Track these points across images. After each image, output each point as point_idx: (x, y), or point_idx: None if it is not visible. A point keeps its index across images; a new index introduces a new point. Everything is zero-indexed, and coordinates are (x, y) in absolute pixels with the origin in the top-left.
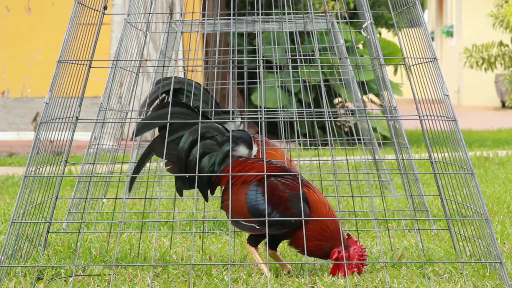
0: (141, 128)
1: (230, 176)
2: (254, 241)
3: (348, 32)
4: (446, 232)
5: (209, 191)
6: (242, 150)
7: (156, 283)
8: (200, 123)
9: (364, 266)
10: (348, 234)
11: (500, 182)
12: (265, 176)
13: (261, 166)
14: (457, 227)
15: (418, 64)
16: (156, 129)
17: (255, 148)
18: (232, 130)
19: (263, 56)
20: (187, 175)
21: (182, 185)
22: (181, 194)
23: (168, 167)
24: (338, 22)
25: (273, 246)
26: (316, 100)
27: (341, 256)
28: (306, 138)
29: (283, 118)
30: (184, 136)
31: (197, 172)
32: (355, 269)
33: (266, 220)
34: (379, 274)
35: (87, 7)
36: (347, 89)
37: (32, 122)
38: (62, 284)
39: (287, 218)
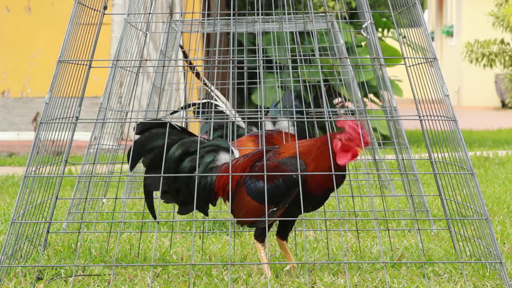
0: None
1: (230, 188)
2: (263, 233)
3: (348, 32)
4: (446, 232)
5: (210, 206)
6: (223, 157)
7: (156, 283)
8: (180, 139)
9: (365, 136)
10: (335, 121)
11: (500, 182)
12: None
13: (246, 162)
14: (457, 227)
15: (418, 64)
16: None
17: (236, 152)
18: (209, 141)
19: (264, 56)
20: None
21: (185, 209)
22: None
23: (163, 198)
24: (338, 22)
25: (283, 235)
26: (316, 100)
27: (344, 140)
28: (307, 138)
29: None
30: (171, 150)
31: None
32: (365, 139)
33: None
34: (379, 274)
35: (87, 7)
36: (347, 89)
37: (32, 122)
38: (62, 284)
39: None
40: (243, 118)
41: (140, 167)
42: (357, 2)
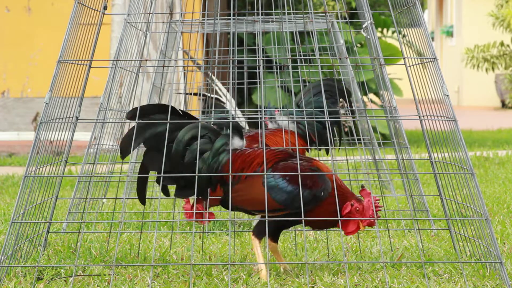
0: (127, 144)
1: (230, 174)
2: (262, 231)
3: (348, 32)
4: (446, 232)
5: (209, 191)
6: (236, 143)
7: (156, 283)
8: (190, 123)
9: (377, 218)
10: (362, 186)
11: (500, 182)
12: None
13: (268, 153)
14: (457, 227)
15: (418, 64)
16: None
17: (244, 140)
18: (221, 122)
19: (264, 56)
20: (197, 174)
21: (183, 192)
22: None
23: (164, 179)
24: (338, 22)
25: (275, 237)
26: None
27: (354, 209)
28: (307, 138)
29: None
30: (180, 134)
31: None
32: (371, 221)
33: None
34: (379, 274)
35: (87, 7)
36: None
37: (32, 122)
38: (62, 284)
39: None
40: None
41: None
42: (357, 2)
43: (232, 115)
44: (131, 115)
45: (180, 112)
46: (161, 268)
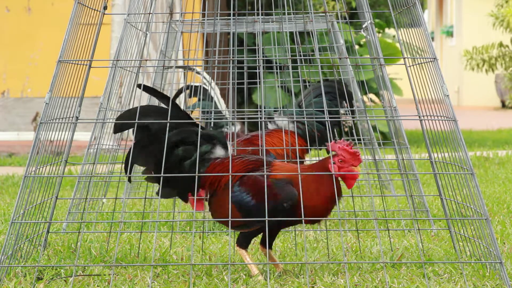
0: (121, 126)
1: (230, 176)
2: (244, 242)
3: (348, 32)
4: (446, 232)
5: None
6: (218, 152)
7: (156, 283)
8: (183, 128)
9: (357, 156)
10: (325, 144)
11: (500, 182)
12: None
13: (239, 165)
14: (457, 227)
15: (418, 64)
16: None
17: (230, 148)
18: (209, 131)
19: (264, 56)
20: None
21: (164, 192)
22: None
23: (147, 176)
24: (338, 22)
25: (269, 243)
26: None
27: (337, 161)
28: (307, 138)
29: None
30: (168, 136)
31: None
32: (358, 157)
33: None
34: (379, 274)
35: (87, 7)
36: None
37: (32, 122)
38: (62, 284)
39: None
40: (242, 118)
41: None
42: (357, 2)
43: (222, 111)
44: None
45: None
46: (161, 268)
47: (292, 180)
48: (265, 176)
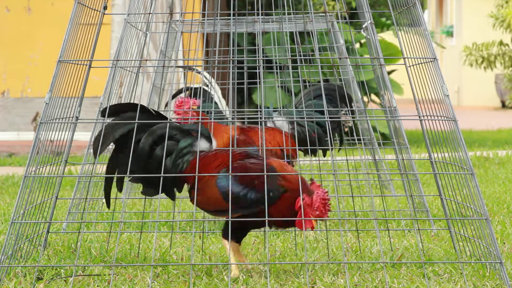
0: (99, 144)
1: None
2: (227, 232)
3: (348, 32)
4: (446, 232)
5: (176, 191)
6: (202, 145)
7: (156, 283)
8: (158, 123)
9: (328, 210)
10: (311, 179)
11: (500, 182)
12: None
13: (224, 156)
14: (457, 227)
15: (418, 64)
16: (112, 146)
17: (214, 142)
18: (186, 125)
19: (264, 56)
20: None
21: (149, 191)
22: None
23: (130, 178)
24: (338, 22)
25: (239, 238)
26: None
27: (305, 203)
28: (306, 138)
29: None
30: (143, 138)
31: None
32: (318, 212)
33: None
34: (379, 274)
35: (87, 7)
36: (347, 89)
37: (32, 122)
38: (62, 284)
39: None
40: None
41: None
42: (357, 2)
43: (221, 109)
44: (103, 114)
45: (153, 112)
46: (161, 268)
47: (277, 170)
48: (264, 161)
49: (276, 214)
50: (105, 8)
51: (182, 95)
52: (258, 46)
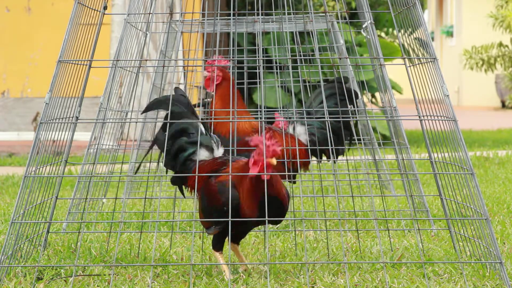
0: (151, 106)
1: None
2: (218, 243)
3: (348, 32)
4: (446, 232)
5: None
6: (203, 153)
7: (156, 283)
8: (188, 118)
9: (276, 145)
10: (251, 138)
11: (500, 182)
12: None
13: (207, 167)
14: (457, 227)
15: (418, 64)
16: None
17: (221, 149)
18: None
19: (264, 56)
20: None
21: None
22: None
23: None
24: (338, 22)
25: (236, 239)
26: None
27: (257, 155)
28: (307, 138)
29: (283, 118)
30: (170, 127)
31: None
32: (272, 149)
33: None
34: (379, 274)
35: (87, 7)
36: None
37: (32, 122)
38: (62, 284)
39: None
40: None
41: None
42: (357, 2)
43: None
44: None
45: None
46: (161, 268)
47: (235, 181)
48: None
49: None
50: (105, 8)
51: (205, 73)
52: (258, 46)
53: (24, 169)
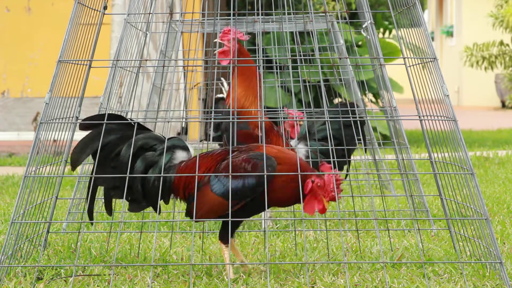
0: (78, 157)
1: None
2: (226, 235)
3: (348, 32)
4: (446, 232)
5: (163, 203)
6: (180, 155)
7: (156, 283)
8: (135, 135)
9: (340, 192)
10: (321, 161)
11: (500, 182)
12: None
13: (209, 161)
14: (457, 227)
15: (418, 64)
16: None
17: (191, 149)
18: (162, 139)
19: (264, 56)
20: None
21: (135, 207)
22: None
23: (113, 193)
24: (338, 22)
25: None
26: (316, 99)
27: (315, 185)
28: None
29: (283, 118)
30: (123, 149)
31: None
32: (333, 194)
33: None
34: (379, 274)
35: (87, 7)
36: (347, 89)
37: (32, 122)
38: (62, 284)
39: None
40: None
41: None
42: (357, 2)
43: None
44: (83, 126)
45: (132, 122)
46: (161, 268)
47: (270, 153)
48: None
49: (273, 192)
50: (105, 8)
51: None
52: (258, 46)
53: (24, 169)
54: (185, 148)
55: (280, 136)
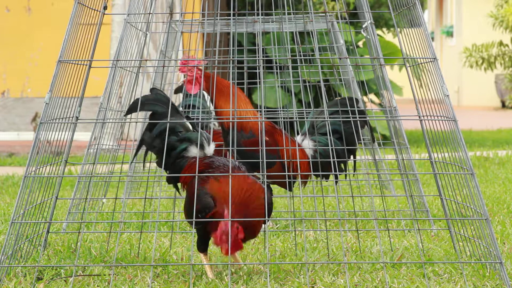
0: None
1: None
2: (202, 244)
3: (348, 32)
4: (446, 232)
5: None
6: (193, 151)
7: (156, 283)
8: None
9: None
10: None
11: (500, 182)
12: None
13: (199, 165)
14: (457, 227)
15: (418, 64)
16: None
17: (212, 146)
18: (188, 131)
19: (264, 56)
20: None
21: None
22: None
23: (156, 160)
24: (338, 22)
25: (200, 247)
26: (316, 100)
27: (220, 233)
28: (311, 153)
29: (283, 118)
30: (156, 126)
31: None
32: (225, 246)
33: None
34: (379, 274)
35: (87, 7)
36: (347, 89)
37: (32, 122)
38: (62, 284)
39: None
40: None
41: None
42: (357, 2)
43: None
44: (131, 107)
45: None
46: (161, 268)
47: (212, 191)
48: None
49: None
50: (105, 8)
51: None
52: (258, 46)
53: (24, 169)
54: (200, 145)
55: (285, 135)
